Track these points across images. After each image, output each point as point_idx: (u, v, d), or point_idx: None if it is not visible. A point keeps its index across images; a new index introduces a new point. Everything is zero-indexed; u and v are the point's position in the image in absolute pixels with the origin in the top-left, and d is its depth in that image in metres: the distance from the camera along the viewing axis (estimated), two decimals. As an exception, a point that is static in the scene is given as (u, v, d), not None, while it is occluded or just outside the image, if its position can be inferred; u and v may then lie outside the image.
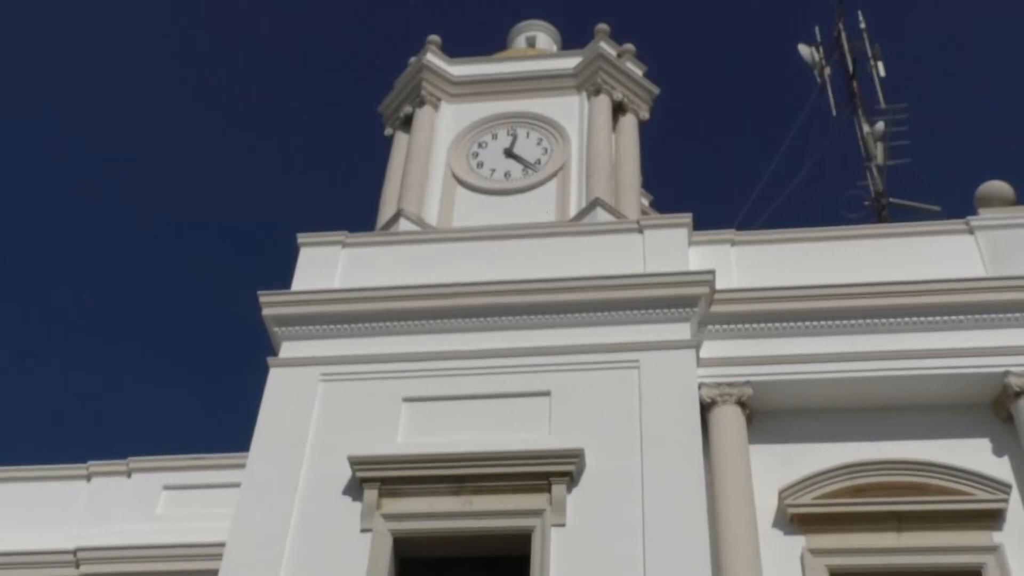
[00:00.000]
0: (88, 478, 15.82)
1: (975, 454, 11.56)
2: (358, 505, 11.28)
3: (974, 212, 13.61)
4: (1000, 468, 11.41)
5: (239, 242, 43.78)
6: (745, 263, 13.18)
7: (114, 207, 42.70)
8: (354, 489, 11.39)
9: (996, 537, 10.88)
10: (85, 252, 41.74)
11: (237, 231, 43.51)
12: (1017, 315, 12.07)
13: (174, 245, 42.81)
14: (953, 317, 12.15)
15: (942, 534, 10.90)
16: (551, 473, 11.12)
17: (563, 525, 10.86)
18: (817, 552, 10.96)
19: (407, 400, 12.09)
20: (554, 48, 19.27)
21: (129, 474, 15.68)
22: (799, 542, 11.11)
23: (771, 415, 12.06)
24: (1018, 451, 11.44)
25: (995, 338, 11.99)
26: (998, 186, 13.82)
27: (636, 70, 16.96)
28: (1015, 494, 11.13)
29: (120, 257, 41.99)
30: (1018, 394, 11.54)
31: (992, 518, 10.99)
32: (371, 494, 11.25)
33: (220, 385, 42.67)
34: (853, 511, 11.14)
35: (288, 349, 12.81)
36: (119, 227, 42.49)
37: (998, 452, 11.61)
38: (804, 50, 22.87)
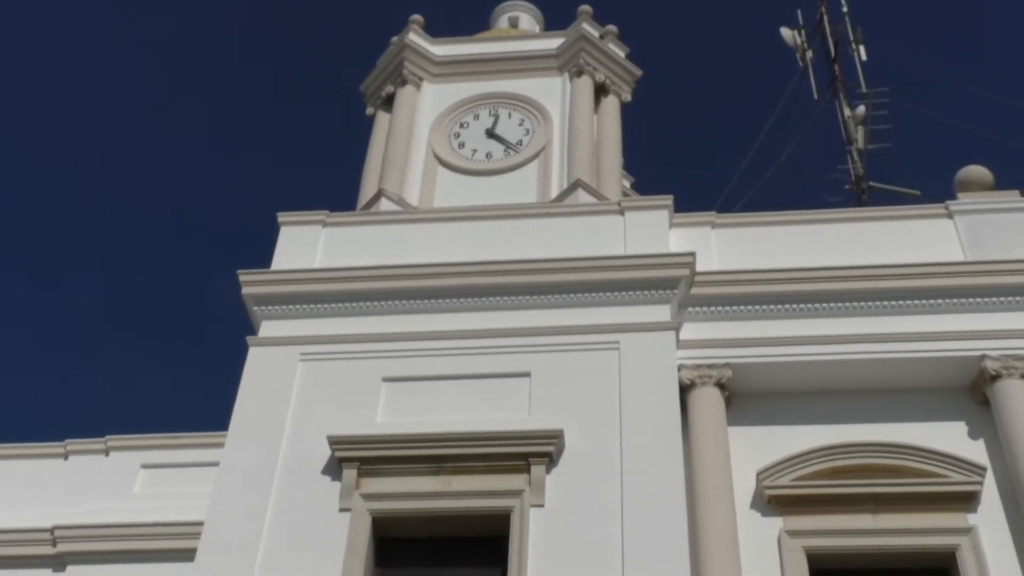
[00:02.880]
0: (65, 456, 15.76)
1: (951, 437, 11.65)
2: (337, 485, 11.27)
3: (954, 196, 13.67)
4: (976, 451, 11.50)
5: (219, 221, 43.60)
6: (725, 245, 13.21)
7: (93, 188, 42.45)
8: (333, 469, 11.37)
9: (971, 519, 10.97)
10: (64, 233, 41.49)
11: (217, 210, 43.31)
12: (994, 299, 12.15)
13: (154, 225, 42.61)
14: (931, 301, 12.22)
15: (918, 516, 10.99)
16: (530, 454, 11.14)
17: (542, 505, 10.88)
18: (794, 534, 11.03)
19: (387, 380, 12.08)
20: (537, 29, 19.21)
21: (107, 452, 15.64)
22: (776, 523, 11.17)
23: (750, 397, 12.10)
24: (993, 434, 11.53)
25: (972, 322, 12.08)
26: (977, 171, 13.88)
27: (618, 51, 16.94)
28: (990, 477, 11.22)
29: (100, 237, 41.75)
30: (994, 378, 11.63)
31: (967, 500, 11.08)
32: (350, 474, 11.24)
33: (199, 364, 42.54)
34: (830, 493, 11.20)
35: (268, 328, 12.76)
36: (98, 208, 42.26)
37: (974, 435, 11.70)
38: (786, 33, 22.91)
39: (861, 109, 21.30)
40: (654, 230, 13.11)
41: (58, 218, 41.58)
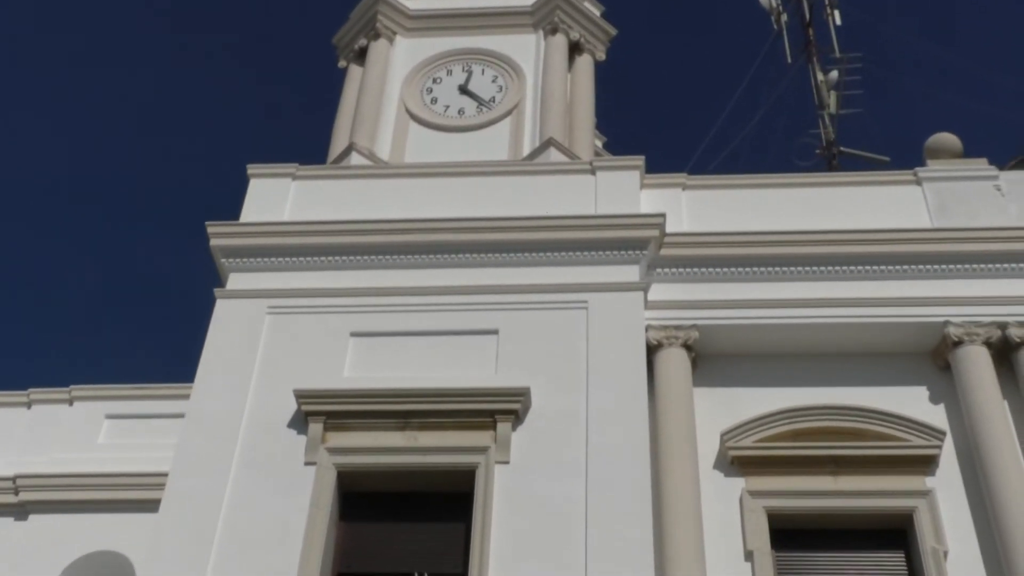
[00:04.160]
0: (28, 405, 15.64)
1: (912, 401, 11.80)
2: (303, 438, 11.27)
3: (923, 163, 13.76)
4: (936, 415, 11.66)
5: (189, 172, 43.18)
6: (695, 207, 13.24)
7: (59, 139, 41.88)
8: (299, 422, 11.37)
9: (929, 482, 11.14)
10: (30, 184, 40.97)
11: (188, 161, 42.86)
12: (959, 266, 12.27)
13: (123, 175, 42.15)
14: (897, 267, 12.32)
15: (877, 478, 11.14)
16: (496, 411, 11.18)
17: (507, 462, 10.94)
18: (756, 494, 11.16)
19: (354, 335, 12.06)
20: (512, -15, 19.02)
21: (71, 402, 15.54)
22: (739, 484, 11.29)
23: (716, 359, 12.19)
24: (954, 399, 11.69)
25: (937, 288, 12.20)
26: (946, 138, 13.95)
27: (594, 10, 16.84)
28: (948, 441, 11.39)
29: (67, 189, 41.27)
30: (956, 344, 11.78)
31: (926, 464, 11.24)
32: (316, 428, 11.25)
33: (166, 315, 42.31)
34: (792, 454, 11.32)
35: (235, 281, 12.70)
36: (64, 159, 41.74)
37: (934, 400, 11.86)
38: (762, -5, 22.85)
39: (834, 74, 21.36)
40: (625, 190, 13.11)
41: (24, 169, 41.06)
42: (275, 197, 13.38)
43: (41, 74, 41.43)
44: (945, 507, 10.94)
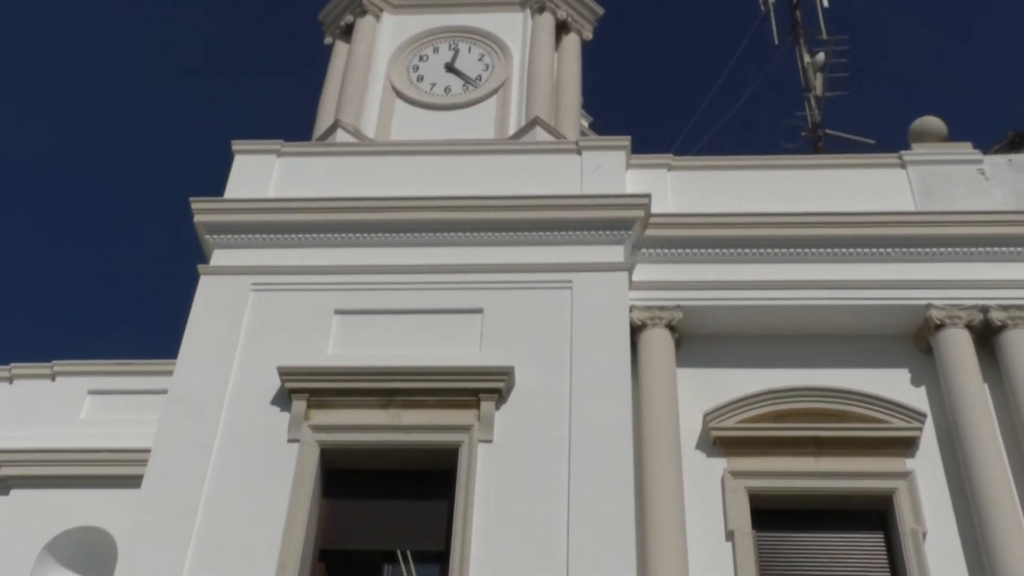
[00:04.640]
0: (10, 380, 15.57)
1: (894, 384, 11.86)
2: (286, 415, 11.26)
3: (908, 146, 13.79)
4: (917, 398, 11.72)
5: (174, 148, 42.94)
6: (681, 188, 13.24)
7: (46, 117, 41.56)
8: (282, 399, 11.36)
9: (909, 463, 11.21)
10: (11, 158, 40.69)
11: (172, 137, 42.63)
12: (942, 250, 12.32)
13: (108, 148, 41.89)
14: (881, 249, 12.37)
15: (858, 460, 11.20)
16: (480, 389, 11.19)
17: (490, 441, 10.95)
18: (737, 474, 11.21)
19: (339, 312, 12.05)
20: (499, -38, 18.92)
21: (53, 377, 15.46)
22: (720, 464, 11.33)
23: (700, 339, 12.21)
24: (935, 382, 11.76)
25: (920, 272, 12.25)
26: (932, 122, 13.99)
27: (581, -11, 16.77)
28: (929, 423, 11.46)
29: (49, 163, 40.99)
30: (938, 327, 11.84)
31: (906, 445, 11.31)
32: (299, 405, 11.24)
33: (149, 291, 42.15)
34: (774, 435, 11.38)
35: (219, 257, 12.65)
36: (49, 135, 41.45)
37: (916, 382, 11.92)
38: (749, -24, 22.79)
39: (820, 56, 21.34)
40: (611, 170, 13.10)
41: (5, 148, 40.76)
42: (260, 174, 13.33)
43: (22, 51, 41.12)
44: (925, 489, 11.02)
